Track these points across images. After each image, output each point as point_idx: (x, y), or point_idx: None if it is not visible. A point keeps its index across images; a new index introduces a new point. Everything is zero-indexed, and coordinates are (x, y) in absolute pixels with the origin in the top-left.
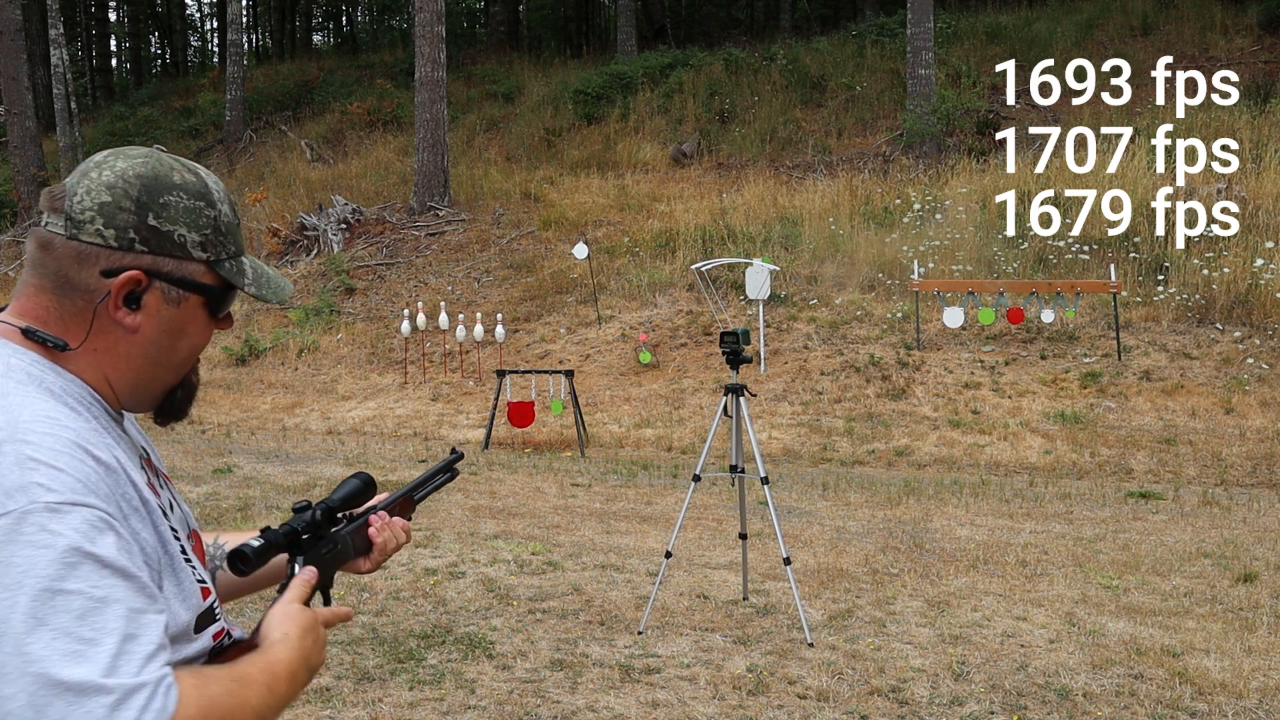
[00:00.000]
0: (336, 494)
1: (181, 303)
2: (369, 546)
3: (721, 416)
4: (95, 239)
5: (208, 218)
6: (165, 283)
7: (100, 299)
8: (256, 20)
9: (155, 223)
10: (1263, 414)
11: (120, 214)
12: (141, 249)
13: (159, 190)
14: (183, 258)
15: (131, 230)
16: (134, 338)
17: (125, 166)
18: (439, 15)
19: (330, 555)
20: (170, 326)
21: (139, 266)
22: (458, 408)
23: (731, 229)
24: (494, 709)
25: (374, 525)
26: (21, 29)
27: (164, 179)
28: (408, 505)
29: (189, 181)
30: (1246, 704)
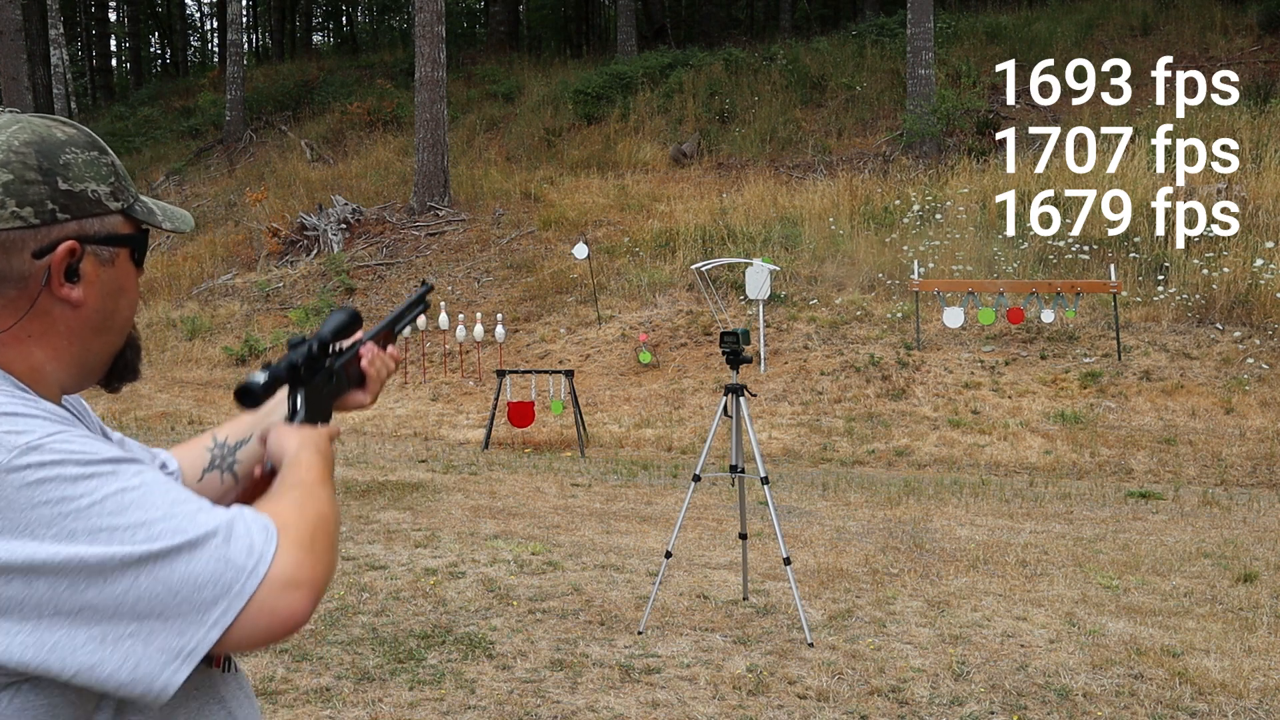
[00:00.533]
0: (326, 327)
1: (114, 260)
2: (362, 379)
3: (721, 416)
4: (14, 223)
5: (107, 165)
6: (96, 244)
7: (42, 283)
8: (256, 20)
9: (67, 185)
10: (1263, 414)
11: (30, 188)
12: (64, 217)
13: (54, 151)
14: (103, 214)
15: (48, 200)
16: (78, 312)
17: (6, 139)
18: (439, 15)
19: (328, 390)
20: (110, 288)
21: (69, 236)
22: (458, 408)
23: (731, 229)
24: (494, 709)
25: (365, 357)
26: (21, 29)
27: (51, 139)
28: (388, 338)
29: (74, 135)
30: (1246, 704)
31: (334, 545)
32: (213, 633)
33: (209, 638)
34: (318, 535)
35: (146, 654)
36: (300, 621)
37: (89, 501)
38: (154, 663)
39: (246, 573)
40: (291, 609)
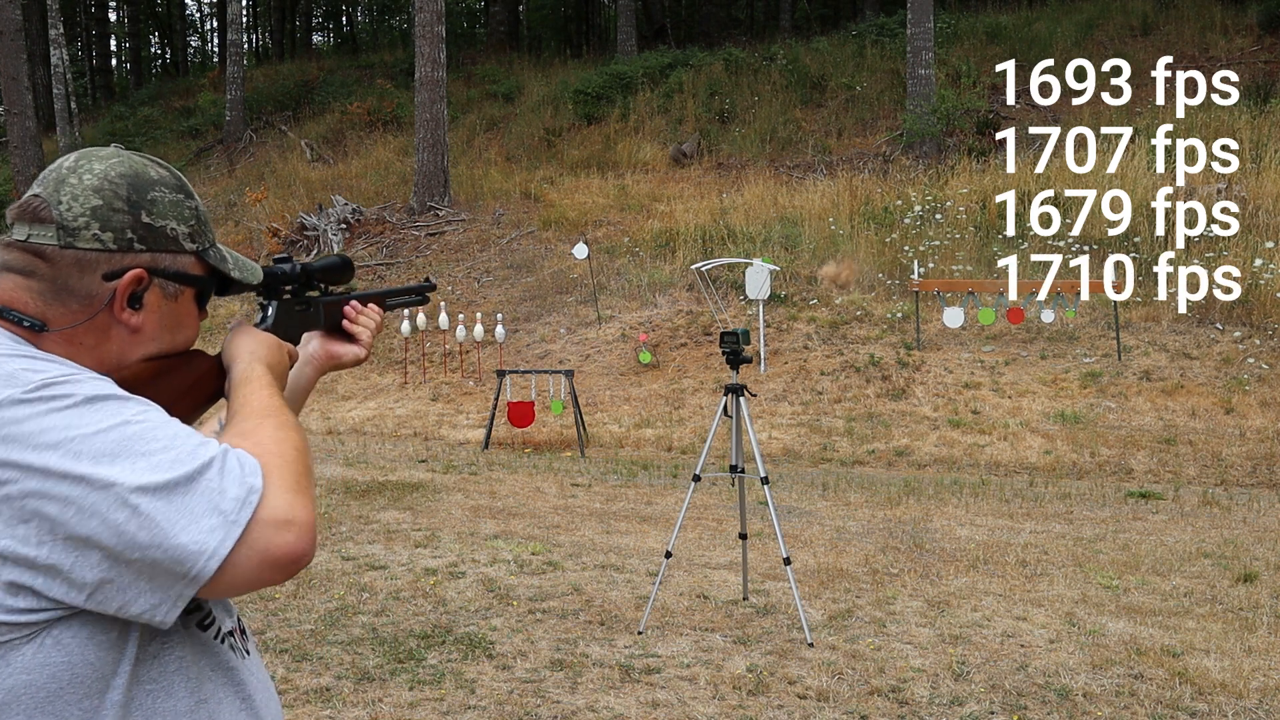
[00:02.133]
0: (317, 262)
1: (179, 296)
2: (338, 327)
3: (721, 416)
4: (94, 244)
5: (190, 209)
6: (163, 278)
7: (105, 303)
8: (256, 20)
9: (149, 220)
10: (1263, 414)
11: (115, 215)
12: (140, 248)
13: (144, 187)
14: (176, 251)
15: (129, 230)
16: (135, 337)
17: (104, 168)
18: (439, 15)
19: (300, 315)
20: (169, 321)
21: (140, 265)
22: (458, 408)
23: (731, 229)
24: (494, 709)
25: (349, 314)
26: (21, 29)
27: (144, 176)
28: (379, 304)
29: (165, 176)
30: (1246, 704)
31: (312, 476)
32: (211, 563)
33: (209, 567)
34: (300, 475)
35: (153, 584)
36: (297, 559)
37: (95, 429)
38: (156, 594)
39: (240, 503)
40: (287, 547)
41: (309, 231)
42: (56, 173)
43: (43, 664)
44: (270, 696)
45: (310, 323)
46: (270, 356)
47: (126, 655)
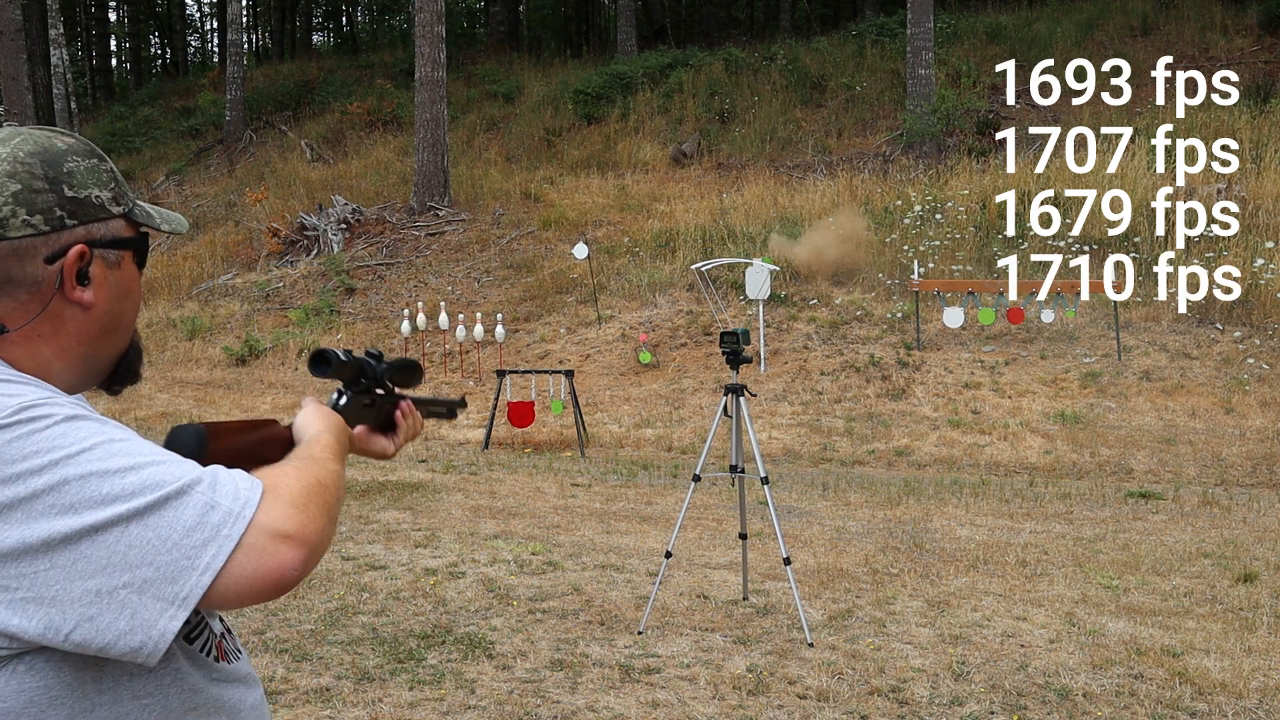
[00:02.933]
0: (394, 362)
1: (120, 262)
2: (391, 426)
3: (721, 416)
4: (25, 230)
5: (106, 172)
6: (103, 248)
7: (55, 286)
8: (256, 20)
9: (72, 193)
10: (1263, 414)
11: (38, 196)
12: (72, 223)
13: (58, 160)
14: (106, 218)
15: (56, 208)
16: (89, 313)
17: (10, 151)
18: (439, 15)
19: (364, 409)
20: (117, 290)
21: (78, 241)
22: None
23: (731, 229)
24: (494, 709)
25: (402, 408)
26: (21, 29)
27: (53, 149)
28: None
29: (73, 144)
30: (1246, 704)
31: (329, 511)
32: (205, 577)
33: (201, 582)
34: (311, 496)
35: (142, 602)
36: (291, 575)
37: (78, 449)
38: (149, 610)
39: (234, 516)
40: (281, 560)
41: (309, 231)
42: None
43: (17, 690)
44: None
45: (368, 417)
46: (338, 433)
47: (108, 672)
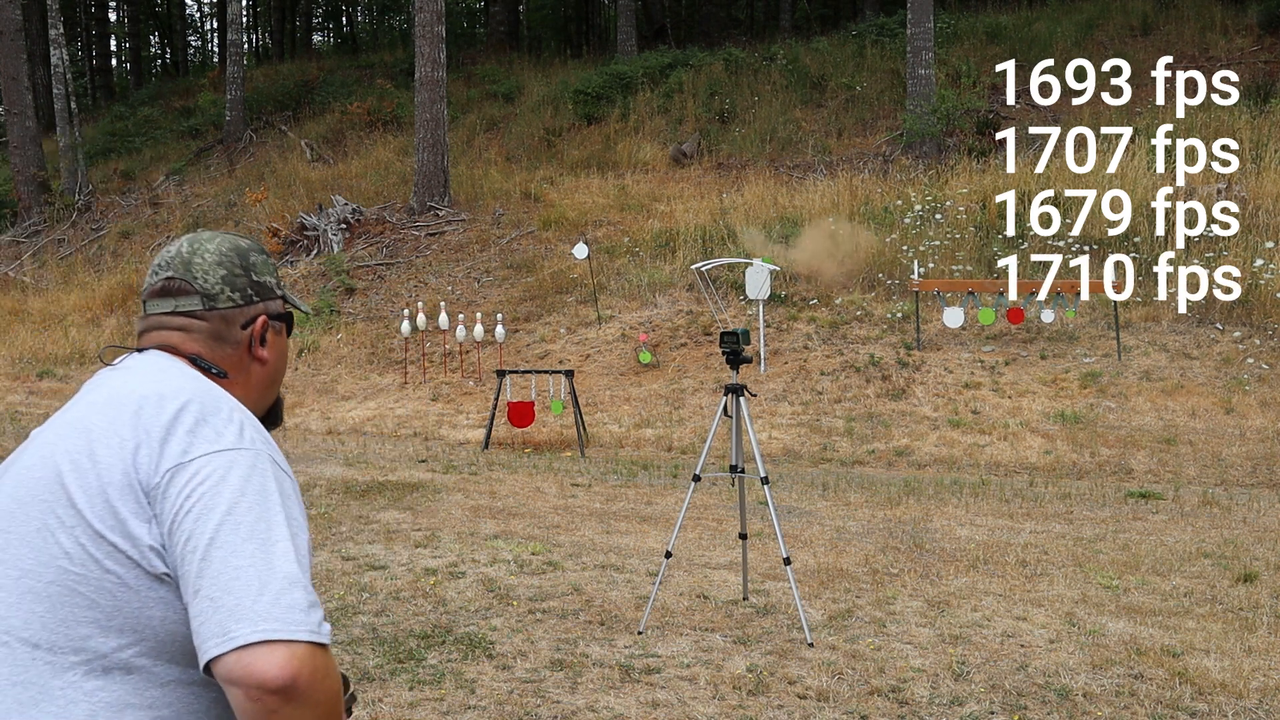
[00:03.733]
0: None
1: (281, 332)
2: None
3: (721, 416)
4: (229, 303)
5: (271, 265)
6: (274, 319)
7: (249, 344)
8: (256, 20)
9: (257, 278)
10: (1263, 414)
11: (237, 279)
12: (256, 299)
13: (245, 255)
14: (273, 298)
15: (249, 288)
16: (265, 367)
17: (215, 247)
18: (439, 15)
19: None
20: (280, 350)
21: (262, 313)
22: (458, 408)
23: (732, 229)
24: (494, 709)
25: None
26: (21, 29)
27: (241, 247)
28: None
29: (251, 244)
30: (1246, 704)
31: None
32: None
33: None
34: (328, 678)
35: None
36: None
37: (291, 502)
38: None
39: (307, 630)
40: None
41: (309, 231)
42: (180, 257)
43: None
44: None
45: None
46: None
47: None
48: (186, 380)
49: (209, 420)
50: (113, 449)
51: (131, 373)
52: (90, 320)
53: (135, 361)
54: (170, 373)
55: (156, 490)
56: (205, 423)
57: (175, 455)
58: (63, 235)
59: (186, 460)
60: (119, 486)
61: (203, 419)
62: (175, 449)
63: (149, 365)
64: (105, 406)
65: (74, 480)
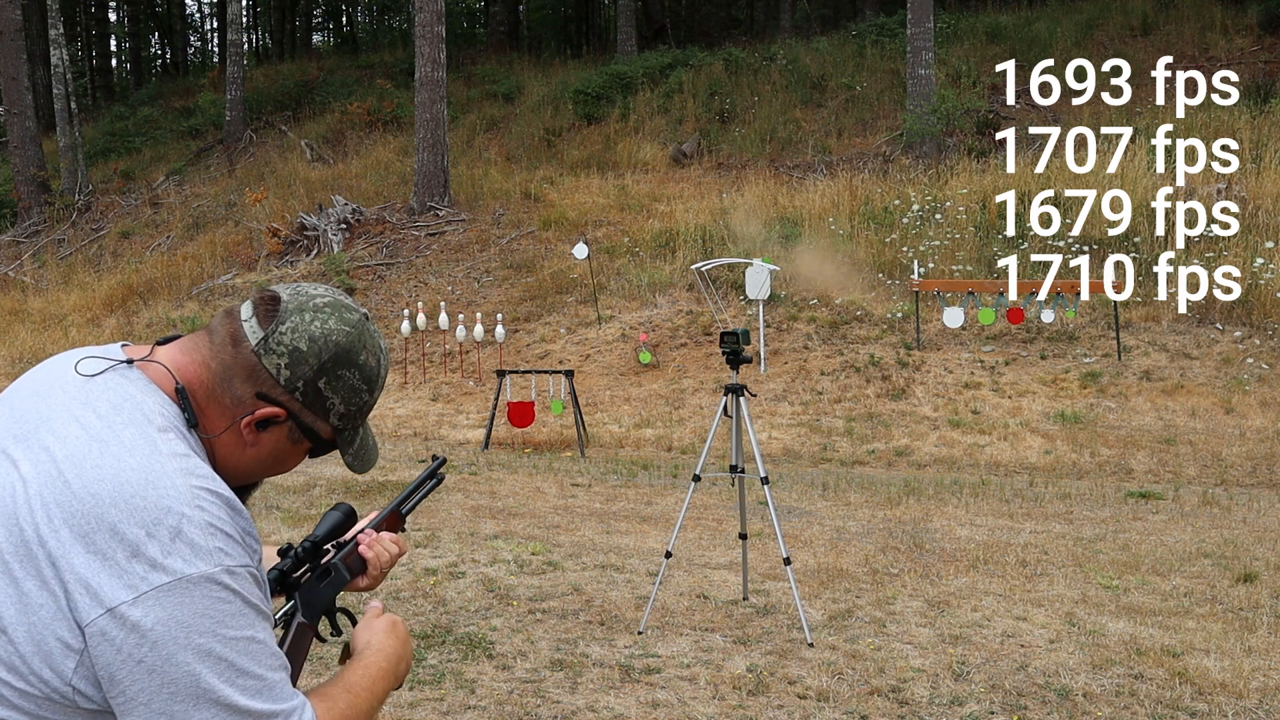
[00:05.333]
0: (320, 529)
1: (298, 443)
2: (363, 565)
3: (721, 416)
4: (272, 369)
5: (360, 401)
6: (297, 426)
7: (244, 413)
8: (256, 20)
9: (322, 386)
10: (1263, 414)
11: (303, 365)
12: (298, 397)
13: (343, 364)
14: (321, 418)
15: (301, 381)
16: (248, 450)
17: (334, 327)
18: (439, 15)
19: (328, 584)
20: (279, 454)
21: (287, 408)
22: (458, 408)
23: (731, 229)
24: (494, 709)
25: (363, 544)
26: (21, 29)
27: (354, 356)
28: (396, 520)
29: (368, 366)
30: (1246, 704)
31: None
32: None
33: None
34: None
35: None
36: None
37: (234, 636)
38: None
39: None
40: None
41: (309, 231)
42: (308, 299)
43: None
44: None
45: (338, 584)
46: (390, 652)
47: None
48: (132, 456)
49: (150, 540)
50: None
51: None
52: (90, 320)
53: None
54: (121, 432)
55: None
56: (143, 548)
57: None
58: (63, 235)
59: (115, 605)
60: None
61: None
62: (108, 587)
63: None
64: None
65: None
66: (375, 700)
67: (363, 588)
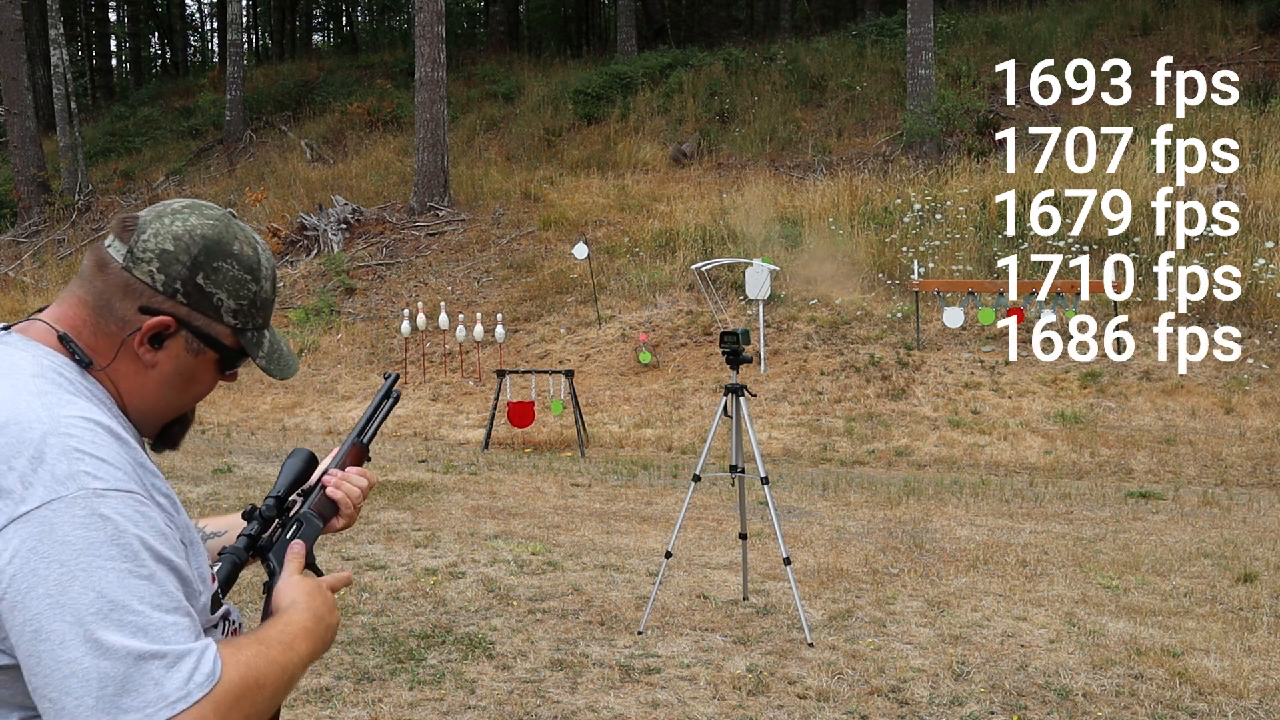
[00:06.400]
0: (281, 481)
1: (200, 354)
2: (334, 508)
3: (721, 416)
4: (146, 278)
5: (249, 291)
6: (191, 334)
7: (131, 331)
8: (256, 20)
9: (202, 282)
10: (1263, 414)
11: (175, 265)
12: (181, 300)
13: (217, 255)
14: (214, 318)
15: (179, 281)
16: (150, 372)
17: (196, 223)
18: (439, 15)
19: (297, 536)
20: (184, 371)
21: (173, 314)
22: (458, 408)
23: (732, 229)
24: (494, 709)
25: (330, 485)
26: (21, 29)
27: (225, 245)
28: (359, 453)
29: (245, 255)
30: (1246, 704)
31: (259, 709)
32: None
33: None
34: (241, 700)
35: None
36: None
37: (105, 566)
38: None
39: (167, 703)
40: None
41: (309, 231)
42: (165, 208)
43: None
44: None
45: (311, 534)
46: (314, 609)
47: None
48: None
49: (9, 473)
50: None
51: None
52: None
53: None
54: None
55: None
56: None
57: None
58: (63, 235)
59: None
60: None
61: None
62: None
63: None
64: None
65: None
66: (293, 656)
67: (339, 529)
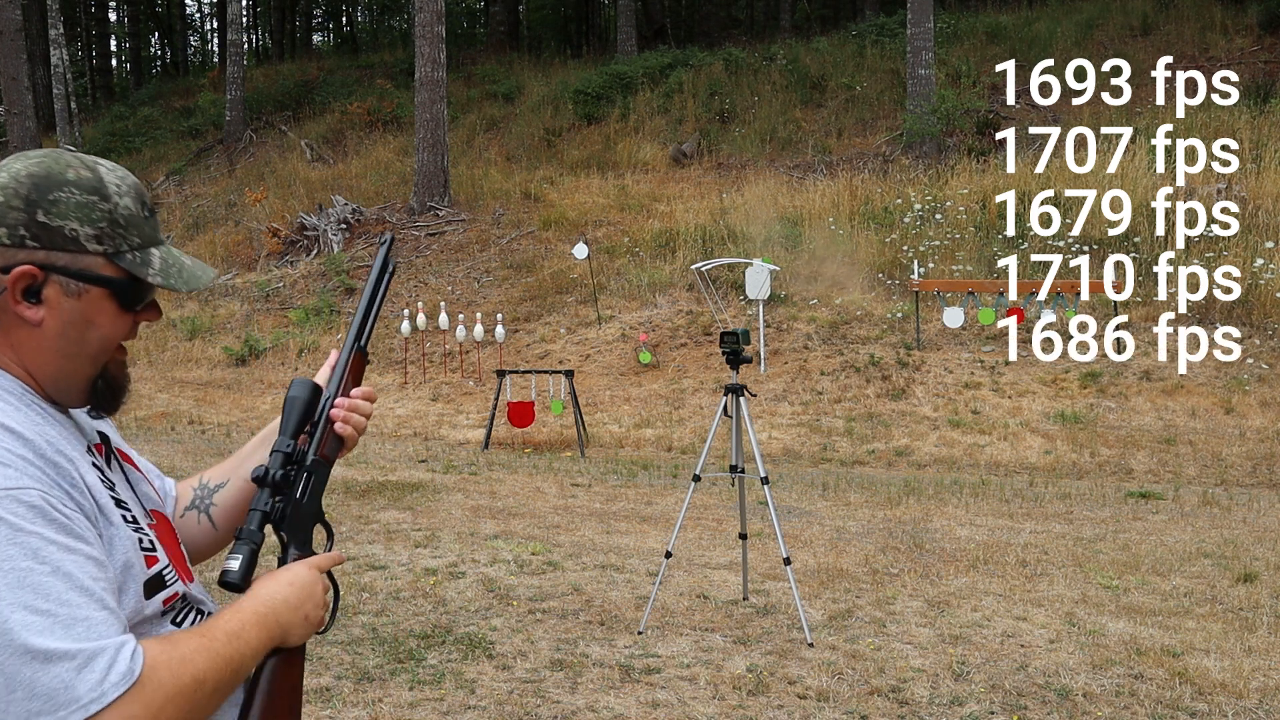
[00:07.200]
0: (288, 423)
1: (82, 295)
2: (341, 444)
3: (721, 416)
4: None
5: (102, 211)
6: (62, 276)
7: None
8: (256, 20)
9: (45, 219)
10: (1263, 414)
11: (10, 213)
12: (33, 244)
13: (49, 187)
14: (77, 251)
15: (21, 227)
16: (39, 331)
17: (19, 167)
18: (439, 15)
19: (312, 493)
20: (75, 318)
21: (31, 262)
22: (458, 408)
23: (732, 229)
24: (494, 709)
25: (338, 422)
26: (21, 29)
27: (56, 176)
28: (360, 364)
29: (83, 178)
30: (1246, 704)
31: (198, 704)
32: None
33: None
34: (177, 697)
35: None
36: None
37: (6, 567)
38: None
39: (79, 706)
40: None
41: (309, 231)
42: None
43: None
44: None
45: (323, 482)
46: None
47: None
48: None
49: None
50: None
51: None
52: None
53: None
54: None
55: None
56: None
57: None
58: None
59: None
60: None
61: None
62: None
63: None
64: None
65: None
66: (239, 646)
67: (346, 452)
